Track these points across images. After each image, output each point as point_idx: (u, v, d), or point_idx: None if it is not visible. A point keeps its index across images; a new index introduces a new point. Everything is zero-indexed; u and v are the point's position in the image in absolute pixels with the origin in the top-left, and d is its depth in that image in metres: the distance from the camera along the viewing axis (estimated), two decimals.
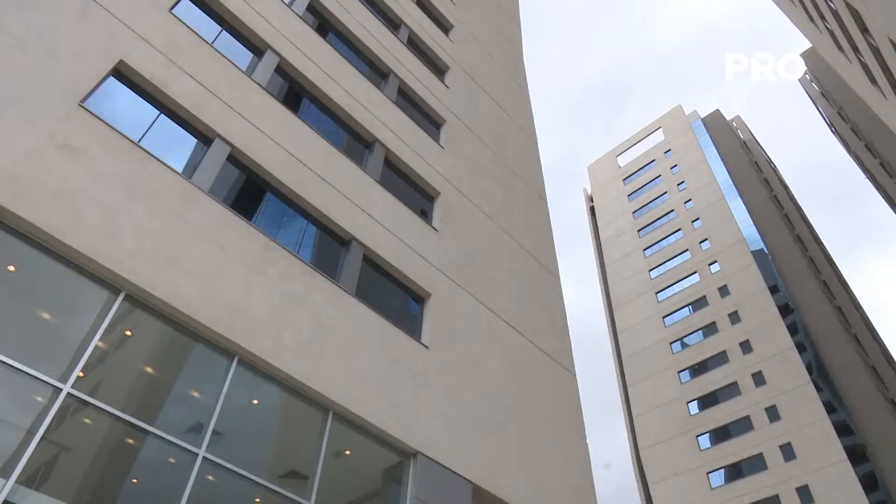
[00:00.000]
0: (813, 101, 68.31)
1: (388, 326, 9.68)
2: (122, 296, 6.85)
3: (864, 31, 19.63)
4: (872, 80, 23.20)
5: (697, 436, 44.63)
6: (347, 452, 8.18)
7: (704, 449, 43.78)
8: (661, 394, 48.38)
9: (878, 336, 53.31)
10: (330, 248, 10.31)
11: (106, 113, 8.00)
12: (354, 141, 12.57)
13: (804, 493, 37.91)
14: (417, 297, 11.22)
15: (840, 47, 25.57)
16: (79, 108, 7.68)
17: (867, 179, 60.63)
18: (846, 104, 54.73)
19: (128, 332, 6.93)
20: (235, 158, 9.48)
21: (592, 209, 70.39)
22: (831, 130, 67.26)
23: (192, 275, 7.51)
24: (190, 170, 8.64)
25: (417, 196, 13.22)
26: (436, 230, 12.51)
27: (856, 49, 22.62)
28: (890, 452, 38.23)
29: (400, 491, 8.15)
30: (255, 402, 7.63)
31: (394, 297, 10.93)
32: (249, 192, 9.67)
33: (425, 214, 13.13)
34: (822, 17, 25.42)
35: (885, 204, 59.06)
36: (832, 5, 22.01)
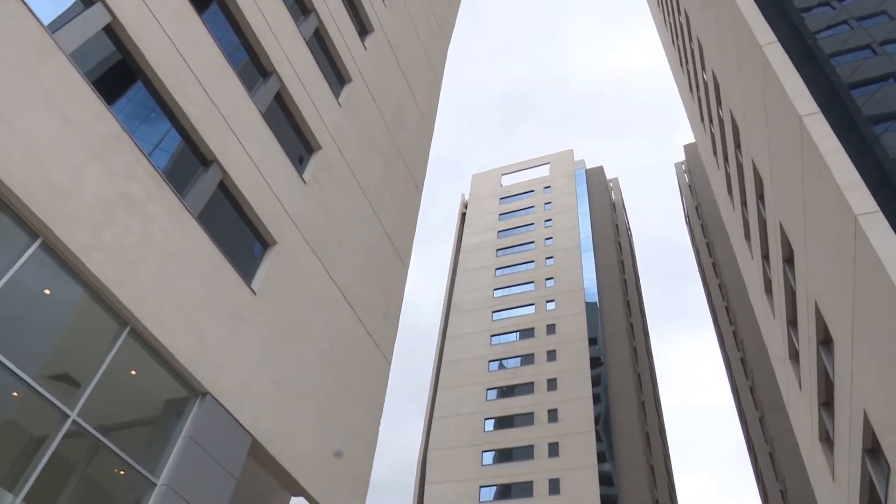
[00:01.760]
0: (680, 189, 74.96)
1: (222, 260, 9.27)
2: None
3: (738, 146, 21.90)
4: (729, 191, 25.92)
5: (484, 451, 47.27)
6: (133, 373, 7.73)
7: (486, 465, 46.47)
8: (466, 404, 50.67)
9: (660, 407, 59.62)
10: (188, 162, 9.67)
11: None
12: (252, 65, 11.91)
13: None
14: (263, 241, 10.86)
15: (715, 152, 28.32)
16: None
17: (697, 272, 67.49)
18: (704, 202, 60.61)
19: None
20: (114, 32, 8.60)
21: (464, 216, 72.14)
22: (685, 220, 74.25)
23: (20, 137, 6.70)
24: (56, 25, 7.72)
25: (298, 143, 12.80)
26: (304, 183, 12.19)
27: (726, 159, 25.16)
28: None
29: (175, 426, 7.83)
30: (47, 292, 6.97)
31: (238, 233, 10.49)
32: (119, 74, 8.81)
33: (301, 163, 12.76)
34: (711, 121, 28.01)
35: (704, 297, 66.20)
36: (721, 114, 24.31)
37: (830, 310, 12.45)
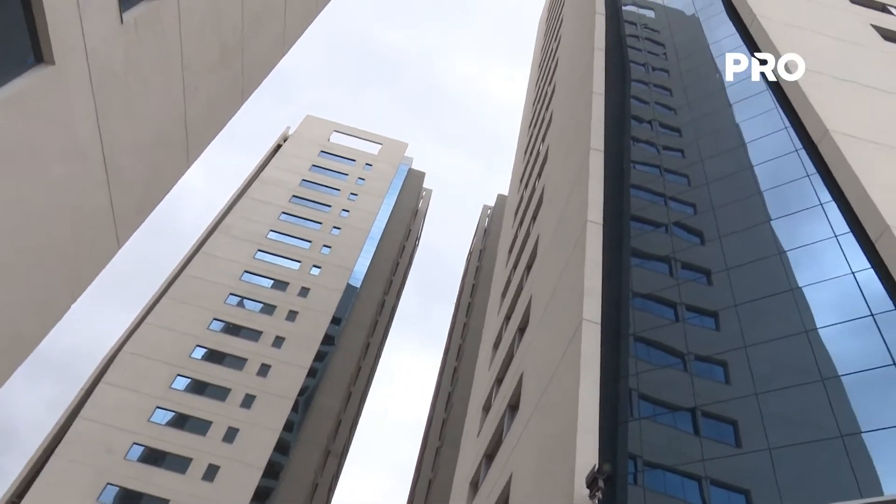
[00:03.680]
0: (476, 229, 79.90)
1: None
2: None
3: (534, 219, 23.96)
4: (510, 250, 28.21)
5: (179, 375, 45.14)
6: None
7: (173, 388, 44.39)
8: (183, 323, 48.12)
9: (364, 401, 62.22)
10: None
11: None
12: None
13: (212, 470, 40.96)
14: (39, 56, 9.28)
15: (516, 213, 30.71)
16: None
17: (454, 304, 72.17)
18: (489, 249, 65.33)
19: None
20: None
21: (279, 147, 69.29)
22: (467, 256, 79.21)
23: None
24: None
25: None
26: (122, 22, 10.72)
27: (520, 223, 27.41)
28: (292, 486, 44.01)
29: None
30: None
31: (14, 35, 8.86)
32: None
33: (129, 5, 11.21)
34: (526, 186, 30.36)
35: (448, 327, 70.93)
36: (536, 186, 26.48)
37: (529, 384, 14.09)
